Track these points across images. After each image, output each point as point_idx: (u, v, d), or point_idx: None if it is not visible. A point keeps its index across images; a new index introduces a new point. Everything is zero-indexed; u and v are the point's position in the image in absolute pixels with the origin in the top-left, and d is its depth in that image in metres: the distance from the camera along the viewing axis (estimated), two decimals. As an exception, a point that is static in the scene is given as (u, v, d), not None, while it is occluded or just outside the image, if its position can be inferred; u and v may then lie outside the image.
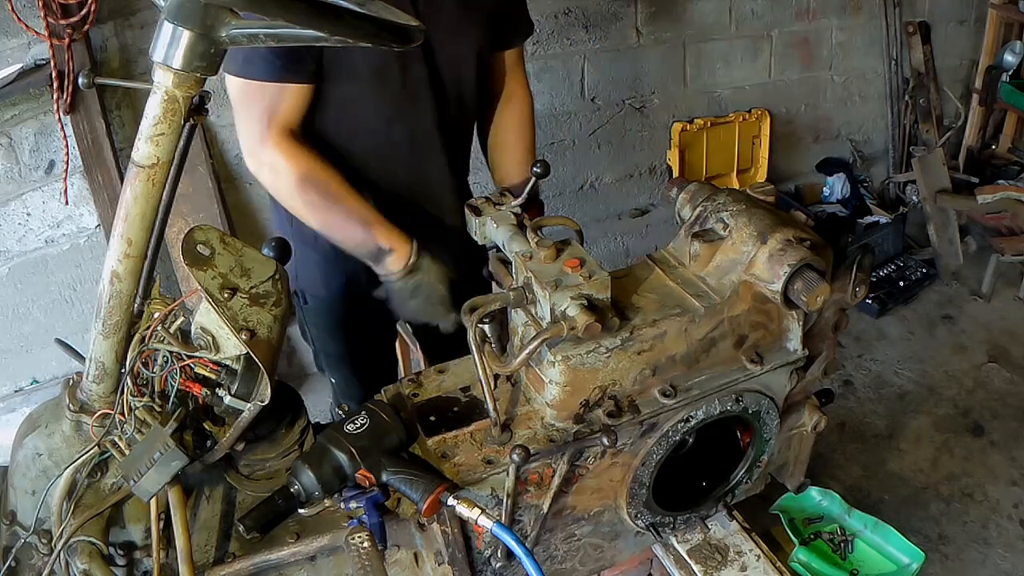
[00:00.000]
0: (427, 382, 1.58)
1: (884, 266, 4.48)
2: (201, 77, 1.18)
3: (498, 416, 1.41)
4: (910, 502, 3.12)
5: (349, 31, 1.04)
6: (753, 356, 1.53)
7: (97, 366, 1.38)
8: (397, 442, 1.41)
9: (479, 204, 1.66)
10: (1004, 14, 4.71)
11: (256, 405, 1.34)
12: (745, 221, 1.49)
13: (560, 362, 1.38)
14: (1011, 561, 2.88)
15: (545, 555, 1.61)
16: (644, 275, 1.55)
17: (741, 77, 4.46)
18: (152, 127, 1.19)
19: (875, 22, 4.69)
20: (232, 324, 1.29)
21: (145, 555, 1.50)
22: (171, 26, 1.11)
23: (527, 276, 1.42)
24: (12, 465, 1.48)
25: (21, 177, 3.05)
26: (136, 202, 1.23)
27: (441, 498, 1.30)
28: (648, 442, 1.52)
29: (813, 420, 1.80)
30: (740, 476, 1.75)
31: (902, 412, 3.59)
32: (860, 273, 1.57)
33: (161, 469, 1.30)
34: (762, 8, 4.32)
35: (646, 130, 4.32)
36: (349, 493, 1.38)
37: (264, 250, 1.44)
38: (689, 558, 1.76)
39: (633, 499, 1.60)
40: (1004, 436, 3.42)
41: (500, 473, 1.40)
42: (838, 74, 4.77)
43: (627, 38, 4.03)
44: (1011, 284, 4.38)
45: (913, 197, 4.78)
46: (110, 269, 1.29)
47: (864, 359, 3.92)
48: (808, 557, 2.55)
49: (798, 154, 4.88)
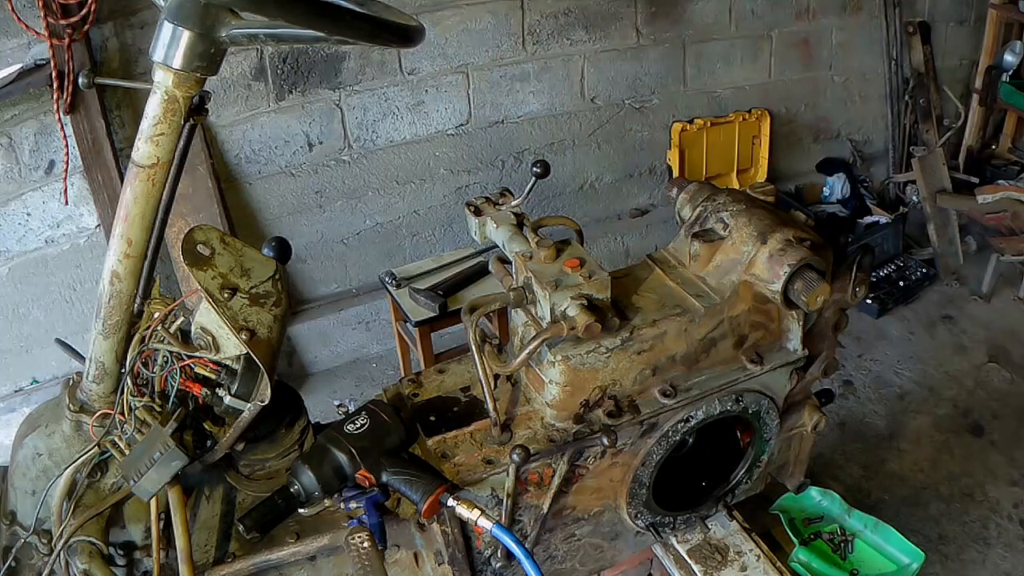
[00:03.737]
0: (427, 382, 1.58)
1: (884, 266, 4.47)
2: (201, 77, 1.18)
3: (498, 416, 1.41)
4: (910, 502, 3.11)
5: (349, 31, 1.04)
6: (753, 356, 1.53)
7: (97, 366, 1.38)
8: (397, 442, 1.41)
9: (479, 204, 1.66)
10: (1004, 14, 4.71)
11: (256, 405, 1.34)
12: (745, 221, 1.49)
13: (560, 362, 1.38)
14: (1011, 561, 2.88)
15: (545, 555, 1.61)
16: (644, 275, 1.55)
17: (741, 77, 4.46)
18: (152, 127, 1.19)
19: (875, 22, 4.69)
20: (232, 324, 1.29)
21: (145, 555, 1.50)
22: (171, 26, 1.12)
23: (527, 276, 1.41)
24: (12, 465, 1.48)
25: (21, 177, 3.05)
26: (136, 202, 1.24)
27: (441, 499, 1.30)
28: (648, 442, 1.52)
29: (813, 420, 1.80)
30: (740, 476, 1.75)
31: (902, 412, 3.58)
32: (860, 273, 1.57)
33: (161, 469, 1.30)
34: (762, 8, 4.32)
35: (646, 130, 4.32)
36: (349, 493, 1.38)
37: (264, 250, 1.44)
38: (689, 558, 1.76)
39: (633, 499, 1.60)
40: (1004, 436, 3.42)
41: (500, 473, 1.40)
42: (838, 74, 4.77)
43: (627, 38, 4.04)
44: (1011, 284, 4.38)
45: (913, 197, 4.78)
46: (110, 269, 1.29)
47: (864, 359, 3.92)
48: (808, 557, 2.55)
49: (798, 154, 4.88)
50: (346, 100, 3.55)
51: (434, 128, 3.79)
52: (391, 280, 3.23)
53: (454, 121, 3.82)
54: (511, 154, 4.02)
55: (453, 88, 3.75)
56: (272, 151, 3.50)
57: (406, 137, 3.75)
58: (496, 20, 3.69)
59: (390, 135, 3.71)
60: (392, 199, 3.85)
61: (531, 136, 4.03)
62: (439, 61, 3.66)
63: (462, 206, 1.74)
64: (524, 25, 3.76)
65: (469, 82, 3.77)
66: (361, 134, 3.65)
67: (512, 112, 3.93)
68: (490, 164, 3.99)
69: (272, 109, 3.42)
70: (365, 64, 3.52)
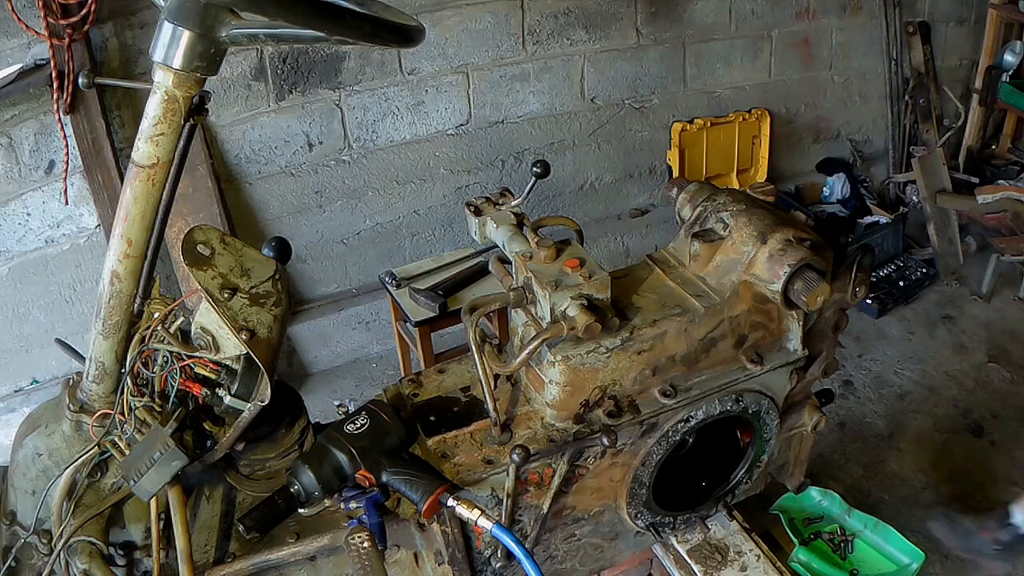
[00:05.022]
0: (427, 382, 1.58)
1: (884, 266, 4.47)
2: (201, 77, 1.18)
3: (498, 416, 1.41)
4: (910, 502, 3.11)
5: (349, 31, 1.04)
6: (753, 356, 1.53)
7: (97, 366, 1.38)
8: (397, 442, 1.41)
9: (479, 204, 1.66)
10: (1004, 14, 4.71)
11: (256, 405, 1.34)
12: (745, 221, 1.49)
13: (560, 362, 1.38)
14: (1011, 561, 2.88)
15: (545, 555, 1.61)
16: (644, 275, 1.55)
17: (741, 77, 4.46)
18: (152, 127, 1.19)
19: (875, 22, 4.69)
20: (232, 324, 1.29)
21: (145, 555, 1.50)
22: (171, 26, 1.12)
23: (527, 276, 1.41)
24: (12, 465, 1.48)
25: (21, 177, 3.05)
26: (136, 202, 1.24)
27: (441, 499, 1.30)
28: (648, 442, 1.52)
29: (813, 420, 1.80)
30: (740, 476, 1.75)
31: (902, 412, 3.58)
32: (860, 273, 1.57)
33: (161, 469, 1.30)
34: (762, 8, 4.32)
35: (646, 130, 4.33)
36: (349, 493, 1.38)
37: (264, 250, 1.44)
38: (689, 558, 1.76)
39: (633, 499, 1.60)
40: (1004, 436, 3.42)
41: (500, 473, 1.40)
42: (838, 74, 4.77)
43: (627, 38, 4.04)
44: (1011, 284, 4.38)
45: (913, 197, 4.78)
46: (110, 269, 1.29)
47: (864, 359, 3.92)
48: (808, 557, 2.55)
49: (798, 154, 4.89)
50: (346, 100, 3.55)
51: (434, 128, 3.79)
52: (391, 280, 3.23)
53: (454, 121, 3.82)
54: (511, 154, 4.02)
55: (453, 88, 3.75)
56: (272, 151, 3.50)
57: (406, 137, 3.75)
58: (496, 20, 3.70)
59: (390, 135, 3.71)
60: (392, 199, 3.85)
61: (531, 136, 4.04)
62: (439, 61, 3.67)
63: (462, 206, 1.74)
64: (524, 25, 3.76)
65: (469, 82, 3.77)
66: (361, 134, 3.65)
67: (512, 112, 3.94)
68: (490, 164, 3.99)
69: (272, 109, 3.43)
70: (365, 64, 3.52)
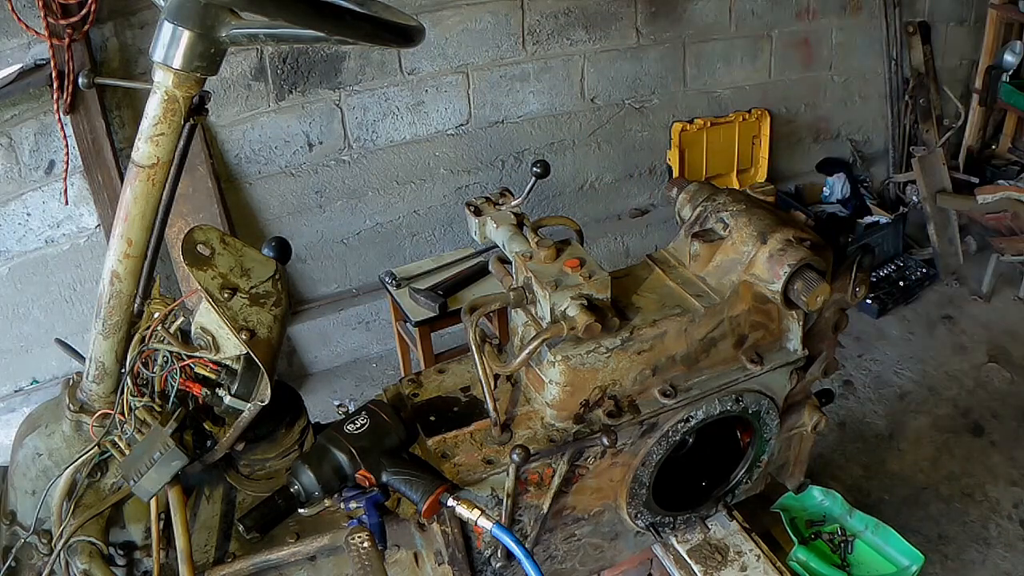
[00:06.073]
0: (427, 382, 1.58)
1: (884, 266, 4.47)
2: (201, 77, 1.18)
3: (498, 416, 1.41)
4: (910, 502, 3.11)
5: (349, 31, 1.04)
6: (753, 356, 1.53)
7: (97, 366, 1.38)
8: (397, 442, 1.41)
9: (479, 204, 1.66)
10: (1004, 14, 4.70)
11: (256, 405, 1.34)
12: (745, 221, 1.49)
13: (560, 362, 1.38)
14: (1011, 561, 2.88)
15: (545, 555, 1.61)
16: (644, 275, 1.55)
17: (741, 77, 4.46)
18: (152, 127, 1.19)
19: (875, 22, 4.68)
20: (232, 324, 1.29)
21: (145, 555, 1.50)
22: (171, 26, 1.12)
23: (527, 276, 1.41)
24: (12, 465, 1.48)
25: (21, 177, 3.05)
26: (136, 202, 1.24)
27: (441, 499, 1.30)
28: (648, 442, 1.52)
29: (813, 420, 1.80)
30: (740, 476, 1.75)
31: (902, 412, 3.58)
32: (860, 273, 1.57)
33: (161, 469, 1.30)
34: (762, 8, 4.32)
35: (646, 130, 4.32)
36: (349, 493, 1.38)
37: (264, 250, 1.44)
38: (689, 558, 1.76)
39: (633, 499, 1.60)
40: (1004, 436, 3.42)
41: (500, 473, 1.40)
42: (838, 74, 4.77)
43: (627, 38, 4.03)
44: (1011, 284, 4.37)
45: (913, 197, 4.77)
46: (110, 269, 1.29)
47: (864, 359, 3.92)
48: (807, 556, 2.55)
49: (798, 154, 4.88)
50: (346, 100, 3.55)
51: (434, 128, 3.79)
52: (391, 280, 3.23)
53: (454, 121, 3.82)
54: (511, 154, 4.02)
55: (453, 88, 3.75)
56: (272, 151, 3.50)
57: (406, 137, 3.75)
58: (496, 20, 3.70)
59: (390, 135, 3.71)
60: (392, 199, 3.85)
61: (531, 136, 4.03)
62: (439, 61, 3.67)
63: (462, 206, 1.74)
64: (524, 25, 3.76)
65: (469, 82, 3.77)
66: (361, 134, 3.65)
67: (512, 112, 3.93)
68: (490, 164, 3.99)
69: (272, 109, 3.43)
70: (365, 64, 3.52)
